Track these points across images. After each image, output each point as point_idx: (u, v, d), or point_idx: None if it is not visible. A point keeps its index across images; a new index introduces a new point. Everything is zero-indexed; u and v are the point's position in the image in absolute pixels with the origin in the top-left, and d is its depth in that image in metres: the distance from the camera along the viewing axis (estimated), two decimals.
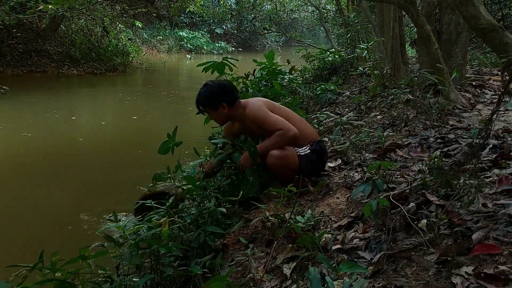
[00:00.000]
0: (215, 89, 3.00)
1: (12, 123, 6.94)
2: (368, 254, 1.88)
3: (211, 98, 2.99)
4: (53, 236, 3.47)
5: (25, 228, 3.61)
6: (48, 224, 3.69)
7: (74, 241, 3.12)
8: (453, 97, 3.99)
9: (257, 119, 2.98)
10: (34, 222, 3.72)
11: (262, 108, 2.98)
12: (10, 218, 3.79)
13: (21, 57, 12.15)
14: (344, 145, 3.39)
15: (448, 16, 4.48)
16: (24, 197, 4.20)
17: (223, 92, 3.01)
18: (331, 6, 14.79)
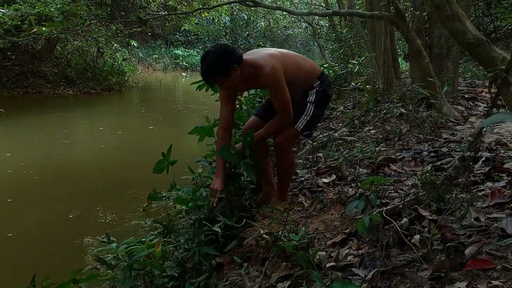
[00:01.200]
0: (222, 52, 2.63)
1: (8, 145, 6.93)
2: (362, 271, 1.87)
3: (221, 63, 2.60)
4: (45, 258, 3.44)
5: (17, 250, 3.58)
6: (41, 246, 3.66)
7: (67, 264, 3.10)
8: (445, 110, 4.01)
9: (272, 88, 2.75)
10: (26, 244, 3.69)
11: (281, 79, 2.71)
12: (1, 240, 3.76)
13: (17, 79, 12.19)
14: (338, 161, 3.40)
15: (438, 30, 4.53)
16: (17, 218, 4.18)
17: (230, 53, 2.65)
18: (324, 22, 14.94)
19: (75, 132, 8.31)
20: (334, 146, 3.82)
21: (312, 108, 2.91)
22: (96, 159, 6.31)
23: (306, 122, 2.87)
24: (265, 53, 2.81)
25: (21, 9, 5.95)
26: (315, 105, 2.93)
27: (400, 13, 3.95)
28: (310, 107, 2.90)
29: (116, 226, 3.89)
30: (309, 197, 3.18)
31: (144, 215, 3.94)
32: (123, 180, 5.36)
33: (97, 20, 7.83)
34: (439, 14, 2.25)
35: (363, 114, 4.90)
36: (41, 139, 7.26)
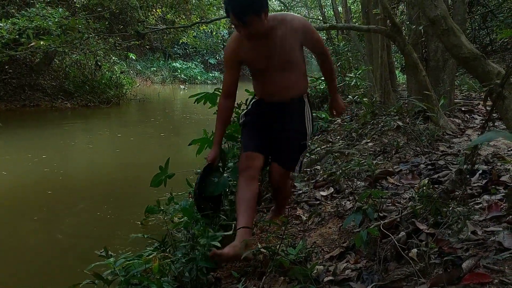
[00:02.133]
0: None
1: (6, 158, 6.92)
2: (360, 285, 1.86)
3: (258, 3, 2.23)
4: (42, 272, 3.41)
5: (14, 265, 3.55)
6: (37, 260, 3.64)
7: (65, 277, 3.08)
8: (442, 123, 4.03)
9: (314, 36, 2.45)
10: (24, 257, 3.66)
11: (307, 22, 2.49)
12: (6, 252, 3.74)
13: (15, 92, 12.19)
14: (336, 174, 3.40)
15: (434, 44, 4.57)
16: (15, 232, 4.16)
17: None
18: (321, 35, 15.05)
19: (72, 145, 8.30)
20: (332, 159, 3.84)
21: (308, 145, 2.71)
22: (94, 172, 6.30)
23: (302, 163, 2.70)
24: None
25: (19, 23, 5.99)
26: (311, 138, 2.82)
27: (397, 27, 3.99)
28: (308, 145, 2.70)
29: (113, 240, 3.87)
30: (307, 210, 3.18)
31: (141, 228, 3.93)
32: (121, 194, 5.35)
33: (95, 34, 7.87)
34: (435, 28, 2.28)
35: (360, 127, 4.92)
36: (38, 152, 7.25)
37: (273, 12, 6.33)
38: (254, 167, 2.48)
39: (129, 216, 4.38)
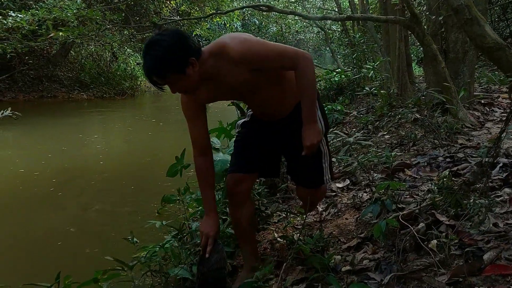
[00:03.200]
0: (173, 41, 1.78)
1: (24, 148, 7.02)
2: (378, 275, 1.86)
3: (173, 55, 1.77)
4: (63, 258, 3.47)
5: (40, 251, 3.61)
6: (59, 248, 3.69)
7: (90, 265, 3.13)
8: (461, 116, 3.98)
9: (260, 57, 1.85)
10: (49, 245, 3.72)
11: (252, 39, 1.89)
12: (25, 241, 3.81)
13: (33, 83, 12.36)
14: (352, 166, 3.39)
15: (454, 35, 4.50)
16: (37, 220, 4.22)
17: (184, 40, 1.81)
18: (336, 27, 14.93)
19: (89, 135, 8.39)
20: (348, 151, 3.82)
21: (326, 146, 2.18)
22: (110, 161, 6.36)
23: (329, 167, 2.21)
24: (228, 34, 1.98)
25: (38, 14, 6.04)
26: (326, 140, 2.19)
27: (416, 18, 3.94)
28: (323, 146, 2.15)
29: (131, 228, 3.91)
30: (323, 202, 3.18)
31: (158, 217, 3.96)
32: (137, 183, 5.39)
33: (112, 25, 7.92)
34: (458, 18, 2.24)
35: (376, 119, 4.88)
36: (55, 142, 7.34)
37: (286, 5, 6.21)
38: (241, 191, 2.15)
39: (146, 205, 4.41)
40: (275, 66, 1.91)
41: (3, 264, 3.33)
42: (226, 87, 1.95)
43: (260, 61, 1.86)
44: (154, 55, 1.76)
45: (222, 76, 1.89)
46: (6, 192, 4.94)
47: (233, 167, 2.20)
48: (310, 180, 2.17)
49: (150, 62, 1.78)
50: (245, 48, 1.81)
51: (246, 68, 1.85)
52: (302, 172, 2.17)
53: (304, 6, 15.49)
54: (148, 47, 1.79)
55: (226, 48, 1.82)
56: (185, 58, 1.79)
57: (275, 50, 1.87)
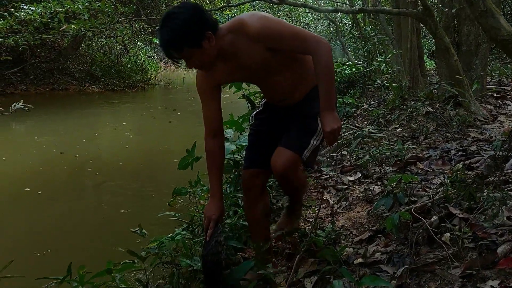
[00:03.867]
0: (191, 14, 1.76)
1: (36, 140, 7.09)
2: (391, 268, 1.86)
3: (191, 28, 1.75)
4: (76, 249, 3.51)
5: (53, 241, 3.66)
6: (70, 237, 3.74)
7: (102, 256, 3.16)
8: (474, 109, 3.95)
9: (277, 35, 1.82)
10: (62, 236, 3.77)
11: (277, 20, 1.88)
12: (38, 232, 3.85)
13: (44, 76, 12.44)
14: (363, 158, 3.38)
15: (467, 28, 4.45)
16: (50, 211, 4.27)
17: (202, 14, 1.80)
18: (347, 20, 14.84)
19: (100, 128, 8.44)
20: (359, 144, 3.81)
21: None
22: (121, 154, 6.40)
23: (314, 149, 2.04)
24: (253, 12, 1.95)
25: (50, 7, 6.07)
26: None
27: (428, 10, 3.90)
28: (320, 126, 1.98)
29: (142, 220, 3.94)
30: (334, 195, 3.18)
31: (169, 209, 3.99)
32: (147, 176, 5.43)
33: (123, 18, 7.94)
34: (472, 10, 2.22)
35: (388, 112, 4.86)
36: (66, 135, 7.41)
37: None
38: (256, 186, 2.14)
39: (156, 198, 4.45)
40: (292, 46, 1.86)
41: (16, 255, 3.38)
42: (242, 66, 1.92)
43: (277, 40, 1.82)
44: (171, 27, 1.75)
45: (239, 54, 1.87)
46: (18, 184, 5.00)
47: (247, 162, 2.19)
48: (292, 140, 2.00)
49: (166, 34, 1.77)
50: (263, 24, 1.79)
51: (263, 46, 1.83)
52: (290, 132, 2.04)
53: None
54: (165, 19, 1.77)
55: (244, 25, 1.81)
56: (202, 32, 1.77)
57: (293, 31, 1.85)
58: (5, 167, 5.62)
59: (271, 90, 2.08)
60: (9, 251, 3.45)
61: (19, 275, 1.72)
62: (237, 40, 1.83)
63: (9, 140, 7.23)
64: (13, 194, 4.70)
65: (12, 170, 5.51)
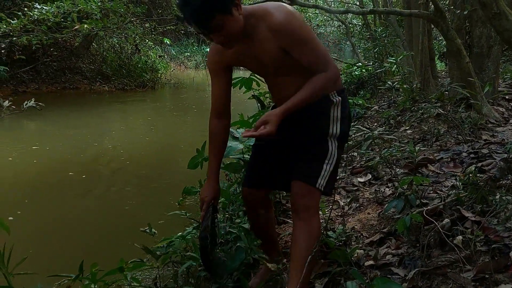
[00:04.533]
0: None
1: (47, 138, 7.15)
2: (402, 270, 1.86)
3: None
4: (87, 248, 3.53)
5: (65, 239, 3.68)
6: (81, 236, 3.76)
7: (115, 253, 3.18)
8: (485, 111, 3.92)
9: (294, 39, 1.71)
10: (74, 234, 3.79)
11: (304, 25, 1.76)
12: (50, 230, 3.88)
13: (55, 75, 12.53)
14: (374, 160, 3.37)
15: (479, 30, 4.43)
16: (62, 209, 4.30)
17: None
18: (357, 21, 14.80)
19: (110, 127, 8.49)
20: (370, 145, 3.81)
21: (336, 150, 1.87)
22: (131, 153, 6.43)
23: (330, 175, 1.85)
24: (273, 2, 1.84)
25: (63, 7, 6.13)
26: (339, 142, 1.90)
27: (440, 12, 3.89)
28: (332, 148, 1.86)
29: (152, 220, 3.96)
30: (344, 196, 3.18)
31: (179, 209, 4.01)
32: (157, 175, 5.45)
33: (135, 18, 7.99)
34: (485, 12, 2.21)
35: (399, 114, 4.84)
36: (78, 133, 7.46)
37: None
38: (254, 200, 2.09)
39: (166, 197, 4.46)
40: (302, 56, 1.73)
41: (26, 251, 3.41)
42: (255, 55, 1.81)
43: (293, 43, 1.72)
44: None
45: (255, 41, 1.76)
46: (30, 181, 5.05)
47: (246, 180, 2.13)
48: (304, 171, 1.85)
49: (194, 2, 1.58)
50: (286, 20, 1.68)
51: (277, 42, 1.72)
52: (300, 161, 1.89)
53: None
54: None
55: (267, 14, 1.70)
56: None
57: (313, 43, 1.74)
58: (15, 164, 5.67)
59: (278, 89, 1.96)
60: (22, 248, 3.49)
61: (32, 272, 1.73)
62: (257, 26, 1.73)
63: (19, 138, 7.29)
64: (23, 192, 4.74)
65: (23, 166, 5.56)
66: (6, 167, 5.58)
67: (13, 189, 4.81)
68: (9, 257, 1.55)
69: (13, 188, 4.84)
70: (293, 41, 1.71)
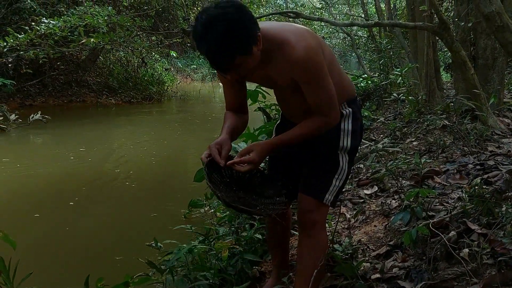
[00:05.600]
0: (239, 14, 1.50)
1: (54, 150, 7.20)
2: (409, 283, 1.85)
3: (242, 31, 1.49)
4: (99, 262, 3.54)
5: (70, 254, 3.69)
6: (94, 250, 3.77)
7: (120, 268, 3.19)
8: (491, 123, 3.92)
9: (308, 79, 1.66)
10: (79, 248, 3.80)
11: (320, 64, 1.64)
12: (55, 244, 3.89)
13: (62, 88, 12.65)
14: (380, 172, 3.37)
15: (483, 41, 4.44)
16: (66, 223, 4.31)
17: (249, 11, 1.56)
18: (362, 33, 14.87)
19: (117, 140, 8.54)
20: (376, 157, 3.81)
21: (346, 164, 1.85)
22: (137, 166, 6.46)
23: (338, 190, 1.85)
24: (296, 25, 1.75)
25: (70, 21, 6.22)
26: (349, 159, 1.88)
27: (444, 24, 3.91)
28: (343, 162, 1.84)
29: (157, 232, 3.97)
30: (351, 208, 3.17)
31: (185, 222, 4.01)
32: (163, 188, 5.47)
33: (141, 32, 8.08)
34: (489, 25, 2.22)
35: (404, 125, 4.84)
36: (83, 146, 7.50)
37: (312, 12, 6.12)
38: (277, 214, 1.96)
39: (172, 210, 4.47)
40: (309, 95, 1.69)
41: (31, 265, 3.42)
42: (267, 75, 1.74)
43: (306, 81, 1.66)
44: (220, 32, 1.45)
45: (269, 66, 1.68)
46: (33, 195, 5.07)
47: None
48: (312, 185, 1.82)
49: (214, 41, 1.47)
50: (306, 57, 1.59)
51: (291, 73, 1.65)
52: (309, 175, 1.86)
53: (331, 12, 15.47)
54: (208, 23, 1.47)
55: (289, 45, 1.60)
56: (253, 33, 1.52)
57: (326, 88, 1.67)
58: (20, 177, 5.70)
59: (286, 103, 1.95)
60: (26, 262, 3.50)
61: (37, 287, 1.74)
62: (274, 54, 1.63)
63: (25, 150, 7.34)
64: (29, 204, 4.76)
65: (28, 179, 5.59)
66: (11, 179, 5.61)
67: (18, 202, 4.84)
68: (15, 272, 1.56)
69: (18, 201, 4.87)
70: (305, 79, 1.66)
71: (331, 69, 1.71)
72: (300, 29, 1.68)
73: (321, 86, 1.66)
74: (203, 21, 1.47)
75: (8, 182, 5.49)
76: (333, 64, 1.78)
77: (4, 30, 8.46)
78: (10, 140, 7.97)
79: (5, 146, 7.62)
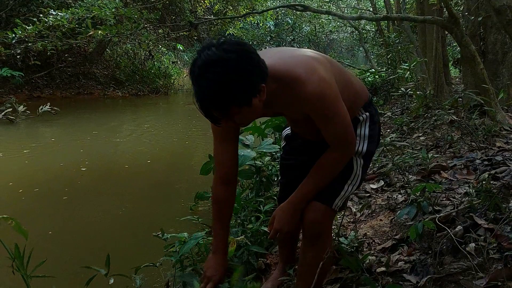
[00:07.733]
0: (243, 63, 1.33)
1: (62, 143, 7.23)
2: (414, 277, 1.85)
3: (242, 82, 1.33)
4: (99, 252, 3.56)
5: (79, 244, 3.70)
6: (102, 239, 3.79)
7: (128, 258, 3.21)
8: (499, 118, 3.89)
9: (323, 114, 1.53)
10: (88, 238, 3.82)
11: (335, 98, 1.51)
12: (64, 234, 3.91)
13: (70, 80, 12.70)
14: (387, 167, 3.36)
15: (493, 36, 4.40)
16: (74, 214, 4.34)
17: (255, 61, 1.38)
18: (370, 27, 14.78)
19: (123, 132, 8.57)
20: (382, 152, 3.80)
21: (360, 169, 1.76)
22: (143, 158, 6.48)
23: (348, 196, 1.78)
24: (302, 55, 1.57)
25: (78, 13, 6.23)
26: (364, 164, 1.78)
27: (454, 18, 3.87)
28: (357, 167, 1.74)
29: (164, 224, 3.98)
30: (357, 203, 3.17)
31: (191, 214, 4.03)
32: (170, 180, 5.49)
33: (148, 24, 8.09)
34: (500, 19, 2.21)
35: (412, 120, 4.82)
36: (91, 138, 7.54)
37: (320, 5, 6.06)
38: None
39: (179, 202, 4.49)
40: (323, 129, 1.58)
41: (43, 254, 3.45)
42: (274, 112, 1.67)
43: (317, 114, 1.54)
44: (214, 80, 1.30)
45: (277, 104, 1.55)
46: (45, 185, 5.11)
47: (278, 197, 2.07)
48: (322, 190, 1.68)
49: (207, 88, 1.32)
50: (321, 93, 1.46)
51: (302, 108, 1.53)
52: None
53: (339, 5, 15.39)
54: (205, 67, 1.31)
55: (300, 83, 1.45)
56: (255, 85, 1.36)
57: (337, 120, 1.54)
58: (29, 166, 5.74)
59: (301, 128, 1.85)
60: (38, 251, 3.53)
61: (49, 275, 1.75)
62: (282, 92, 1.48)
63: (34, 142, 7.39)
64: (38, 195, 4.80)
65: (38, 170, 5.63)
66: (21, 170, 5.65)
67: (28, 193, 4.87)
68: (28, 260, 1.58)
69: (28, 192, 4.90)
70: (319, 115, 1.54)
71: (341, 80, 1.59)
72: (309, 60, 1.53)
73: (336, 121, 1.54)
74: (200, 64, 1.32)
75: (16, 173, 5.54)
76: (343, 74, 1.67)
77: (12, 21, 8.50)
78: (19, 131, 8.04)
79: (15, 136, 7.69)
